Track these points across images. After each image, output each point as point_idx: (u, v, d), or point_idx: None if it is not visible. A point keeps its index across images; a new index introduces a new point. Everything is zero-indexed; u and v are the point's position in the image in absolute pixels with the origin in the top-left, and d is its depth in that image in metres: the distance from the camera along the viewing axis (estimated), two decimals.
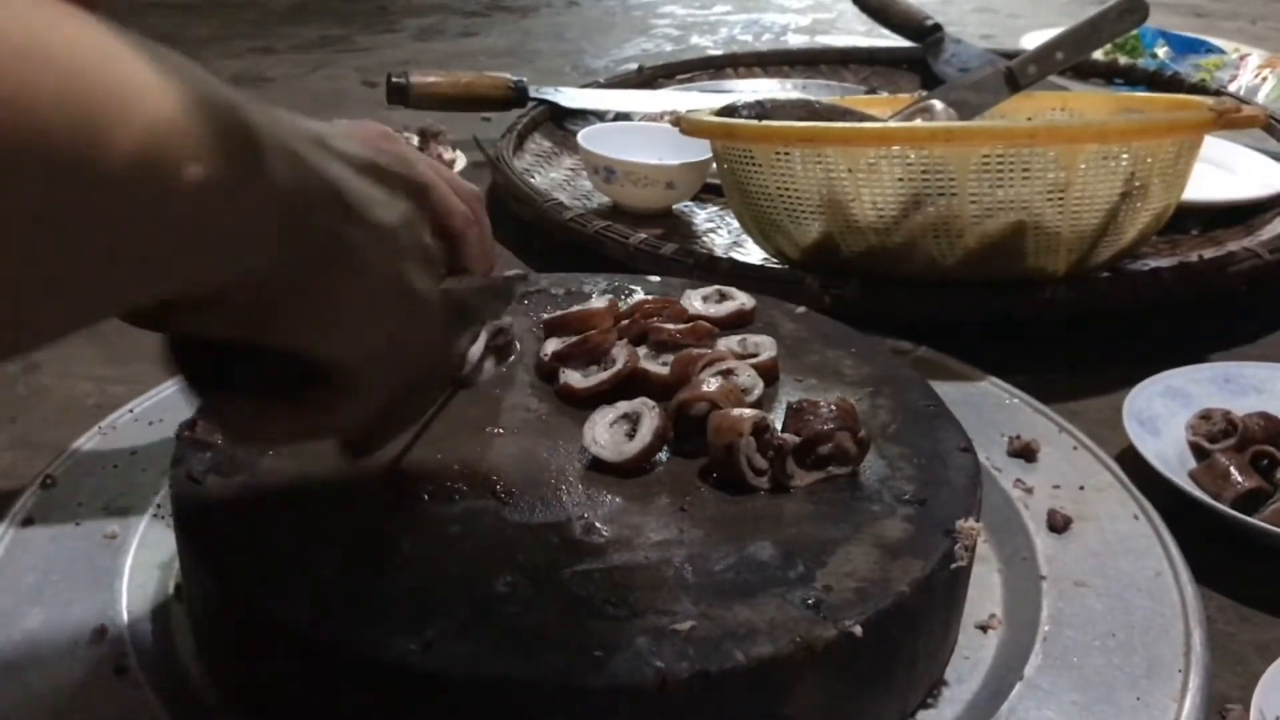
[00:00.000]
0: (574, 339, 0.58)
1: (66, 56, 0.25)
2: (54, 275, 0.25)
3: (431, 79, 1.25)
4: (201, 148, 0.27)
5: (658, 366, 0.57)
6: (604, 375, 0.56)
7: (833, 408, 0.51)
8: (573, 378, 0.56)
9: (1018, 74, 1.02)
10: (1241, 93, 1.40)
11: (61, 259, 0.25)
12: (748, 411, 0.50)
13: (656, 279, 0.71)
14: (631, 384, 0.56)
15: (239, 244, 0.30)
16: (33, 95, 0.23)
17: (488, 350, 0.56)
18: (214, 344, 0.36)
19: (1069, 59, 1.04)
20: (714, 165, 0.91)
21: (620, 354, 0.57)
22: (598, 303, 0.64)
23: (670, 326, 0.59)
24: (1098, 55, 1.39)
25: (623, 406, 0.52)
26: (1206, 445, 0.67)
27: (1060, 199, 0.74)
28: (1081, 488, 0.60)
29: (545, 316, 0.62)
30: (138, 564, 0.54)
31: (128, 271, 0.27)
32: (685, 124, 0.87)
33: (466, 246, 0.47)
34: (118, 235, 0.26)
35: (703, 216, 1.07)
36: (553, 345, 0.59)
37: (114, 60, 0.26)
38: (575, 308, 0.62)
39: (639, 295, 0.68)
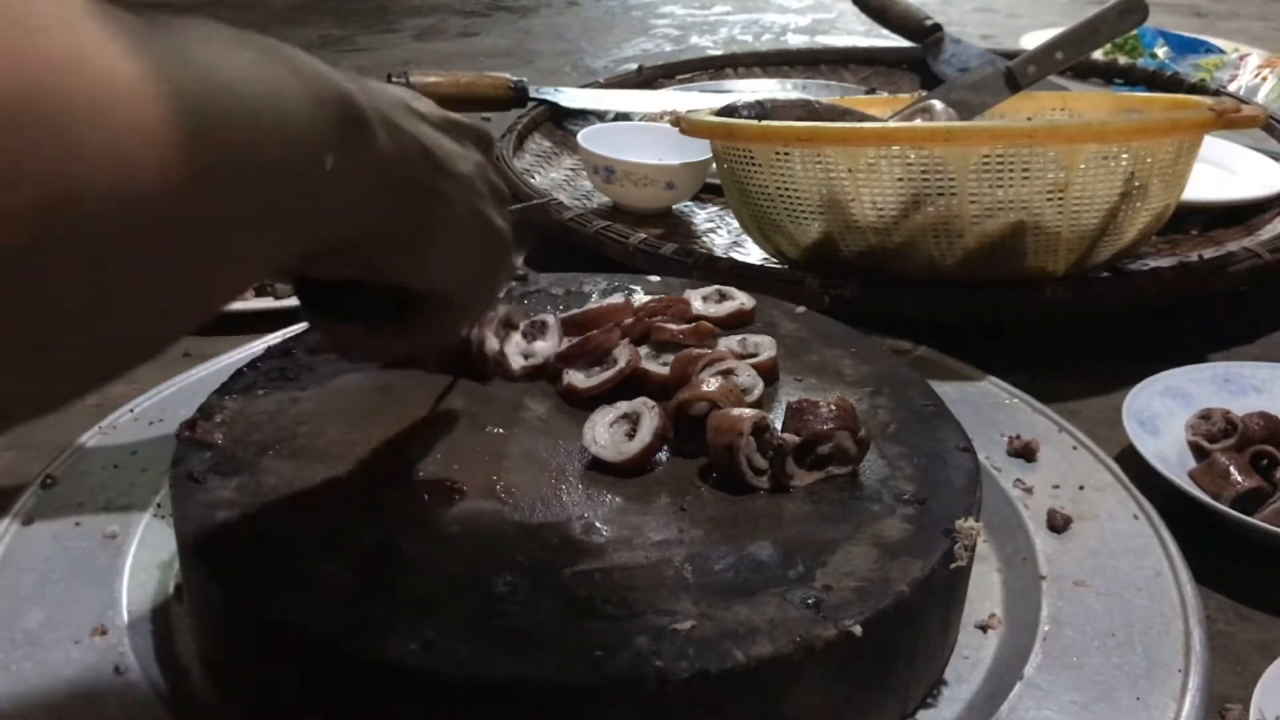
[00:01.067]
0: (576, 340, 0.58)
1: (226, 65, 0.28)
2: (235, 250, 0.29)
3: (431, 79, 1.25)
4: (331, 140, 0.32)
5: (658, 366, 0.57)
6: (606, 375, 0.56)
7: (832, 407, 0.51)
8: (576, 378, 0.56)
9: (1017, 74, 1.02)
10: (1241, 93, 1.40)
11: (240, 237, 0.29)
12: (748, 411, 0.50)
13: (656, 279, 0.71)
14: (632, 383, 0.56)
15: (360, 206, 0.35)
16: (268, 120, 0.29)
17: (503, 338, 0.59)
18: (328, 282, 0.42)
19: (1069, 59, 1.04)
20: (714, 165, 0.91)
21: (622, 354, 0.57)
22: (615, 298, 0.63)
23: (672, 326, 0.59)
24: (1097, 55, 1.39)
25: (623, 406, 0.52)
26: (1206, 445, 0.67)
27: (1060, 199, 0.74)
28: (1081, 487, 0.60)
29: (562, 315, 0.62)
30: (138, 564, 0.54)
31: (281, 239, 0.32)
32: (685, 124, 0.87)
33: None
34: (278, 215, 0.31)
35: (703, 216, 1.07)
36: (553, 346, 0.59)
37: (272, 80, 0.30)
38: (592, 305, 0.62)
39: (640, 295, 0.68)
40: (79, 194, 0.22)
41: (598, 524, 0.46)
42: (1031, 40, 1.49)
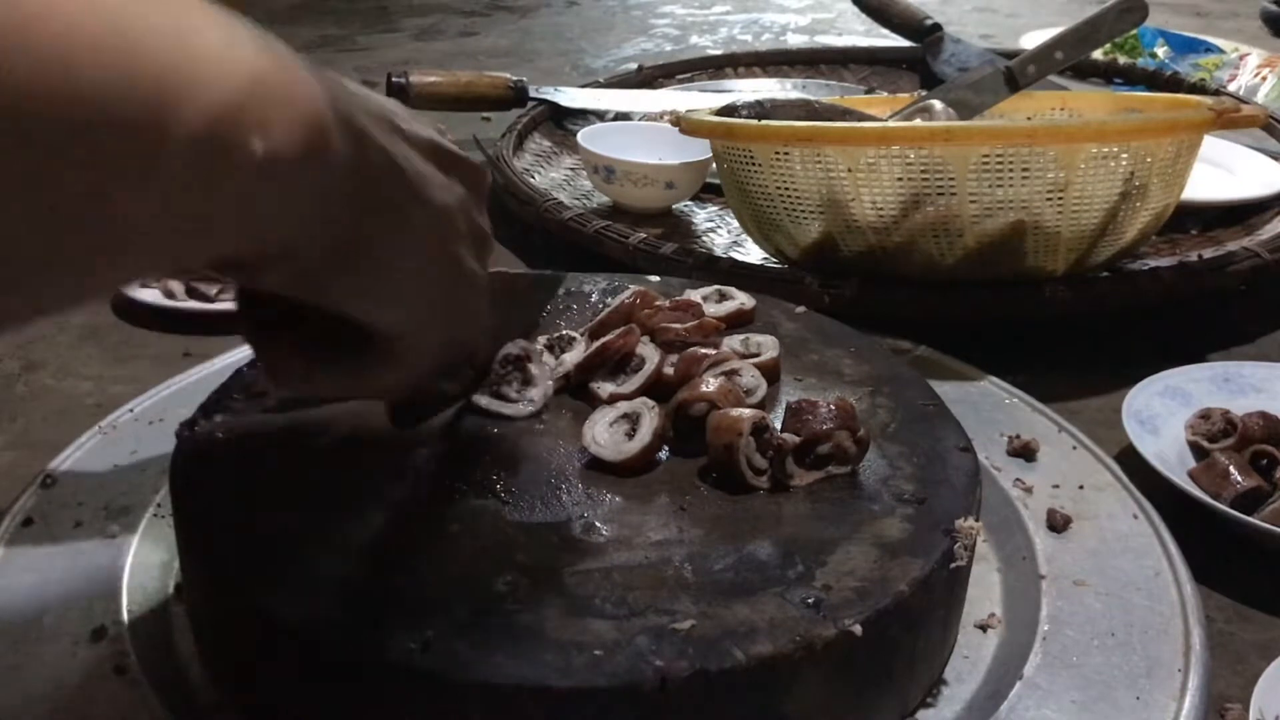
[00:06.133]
0: (593, 348, 0.57)
1: (143, 29, 0.26)
2: (115, 233, 0.27)
3: (431, 79, 1.25)
4: (268, 122, 0.28)
5: (664, 366, 0.57)
6: (641, 379, 0.55)
7: (832, 407, 0.51)
8: (607, 388, 0.55)
9: (1017, 74, 1.02)
10: (1241, 92, 1.40)
11: (126, 219, 0.26)
12: (747, 411, 0.50)
13: (656, 279, 0.71)
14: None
15: (299, 212, 0.32)
16: (104, 63, 0.25)
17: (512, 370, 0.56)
18: (276, 298, 0.37)
19: (1068, 59, 1.04)
20: (714, 165, 0.91)
21: (649, 353, 0.56)
22: (626, 296, 0.62)
23: (676, 326, 0.59)
24: (1097, 55, 1.39)
25: (623, 406, 0.52)
26: (1206, 444, 0.67)
27: (1060, 199, 0.74)
28: (1081, 487, 0.60)
29: (588, 326, 0.61)
30: (138, 564, 0.54)
31: (187, 233, 0.29)
32: (685, 124, 0.87)
33: None
34: (181, 201, 0.27)
35: (703, 216, 1.07)
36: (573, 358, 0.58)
37: (190, 33, 0.27)
38: (609, 307, 0.62)
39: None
40: None
41: (598, 524, 0.46)
42: (1031, 40, 1.49)
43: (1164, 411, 0.69)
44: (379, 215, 0.35)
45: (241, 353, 0.70)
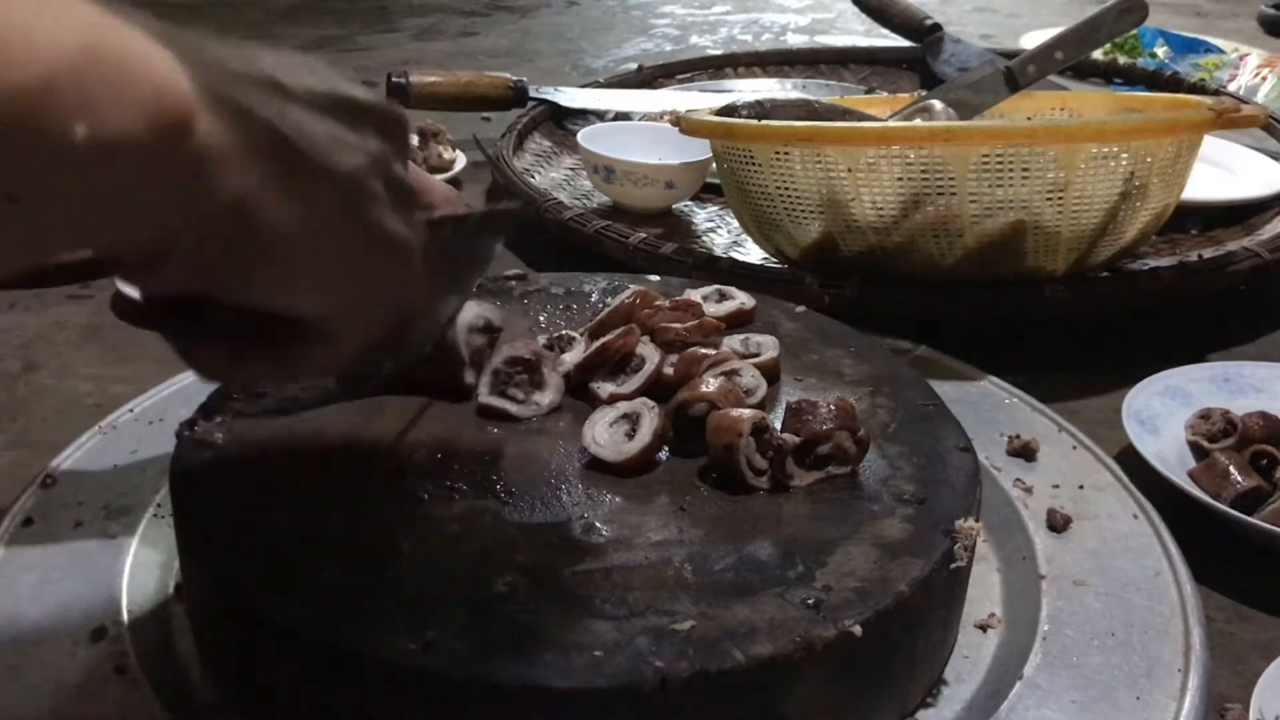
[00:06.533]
0: (593, 348, 0.57)
1: None
2: None
3: (431, 79, 1.25)
4: (93, 104, 0.25)
5: (665, 366, 0.57)
6: (641, 379, 0.55)
7: (832, 407, 0.51)
8: (607, 389, 0.55)
9: (1017, 74, 1.02)
10: (1241, 92, 1.40)
11: None
12: (747, 411, 0.50)
13: (656, 279, 0.71)
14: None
15: (158, 203, 0.29)
16: None
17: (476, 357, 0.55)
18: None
19: (1068, 59, 1.04)
20: (714, 165, 0.91)
21: (650, 353, 0.56)
22: (626, 296, 0.62)
23: (676, 325, 0.59)
24: (1097, 55, 1.39)
25: (623, 406, 0.52)
26: (1206, 444, 0.67)
27: (1060, 199, 0.74)
28: (1081, 487, 0.60)
29: (588, 326, 0.61)
30: (138, 564, 0.54)
31: (29, 226, 0.26)
32: (685, 124, 0.87)
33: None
34: (17, 183, 0.25)
35: (703, 216, 1.07)
36: (573, 358, 0.57)
37: (8, 4, 0.25)
38: (609, 307, 0.62)
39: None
40: None
41: (598, 524, 0.46)
42: (1031, 40, 1.49)
43: (1164, 411, 0.69)
44: (273, 196, 0.31)
45: None
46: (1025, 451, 0.63)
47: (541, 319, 0.65)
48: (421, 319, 0.44)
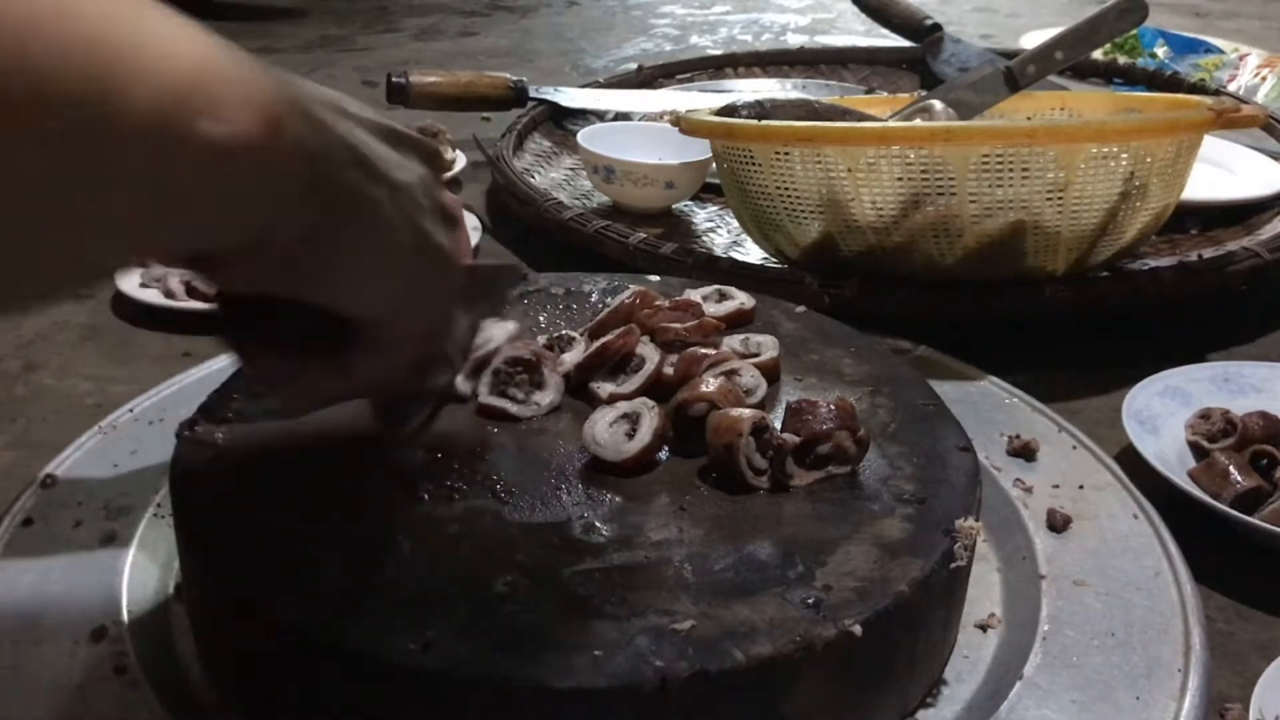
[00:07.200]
0: (593, 348, 0.57)
1: (91, 13, 0.27)
2: (73, 222, 0.27)
3: (431, 79, 1.25)
4: (217, 106, 0.29)
5: (665, 366, 0.57)
6: (641, 379, 0.55)
7: (832, 407, 0.51)
8: (607, 388, 0.55)
9: (1017, 74, 1.02)
10: (1241, 92, 1.40)
11: (80, 207, 0.27)
12: (747, 411, 0.50)
13: (656, 279, 0.71)
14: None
15: (261, 200, 0.32)
16: (59, 49, 0.25)
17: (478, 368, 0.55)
18: (256, 298, 0.38)
19: (1068, 59, 1.04)
20: (714, 165, 0.91)
21: (649, 353, 0.56)
22: (626, 296, 0.62)
23: (676, 325, 0.59)
24: (1097, 55, 1.39)
25: (623, 406, 0.52)
26: (1206, 444, 0.67)
27: (1059, 199, 0.74)
28: (1081, 487, 0.60)
29: (588, 326, 0.61)
30: (138, 564, 0.54)
31: (145, 221, 0.29)
32: (685, 124, 0.87)
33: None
34: (136, 187, 0.28)
35: (702, 216, 1.07)
36: (572, 358, 0.57)
37: (135, 19, 0.28)
38: (608, 307, 0.62)
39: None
40: None
41: (598, 524, 0.46)
42: (1031, 40, 1.49)
43: (1164, 411, 0.69)
44: (347, 198, 0.35)
45: None
46: (1025, 451, 0.63)
47: (541, 319, 0.65)
48: (451, 344, 0.47)
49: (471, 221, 1.01)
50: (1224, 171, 1.09)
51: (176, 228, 0.31)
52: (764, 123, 0.81)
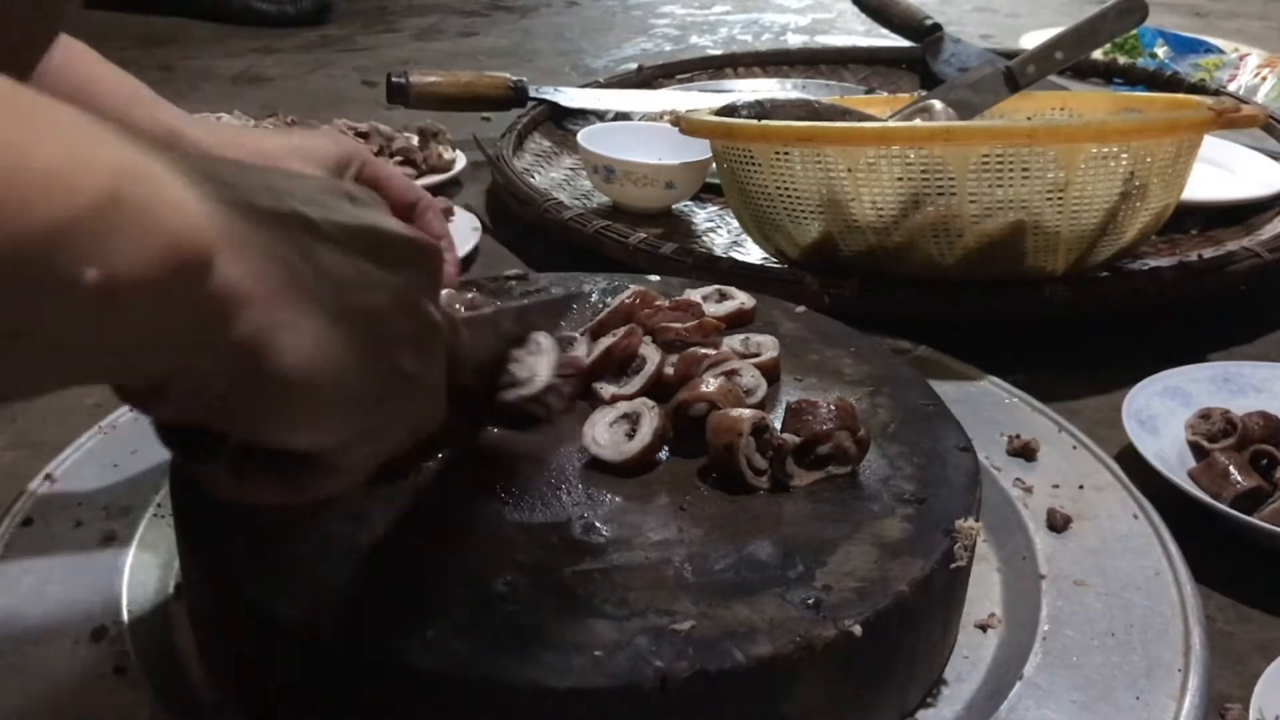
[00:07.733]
0: (599, 352, 0.57)
1: None
2: None
3: (431, 79, 1.25)
4: (108, 248, 0.25)
5: (665, 366, 0.57)
6: (642, 380, 0.55)
7: (832, 407, 0.51)
8: (608, 389, 0.55)
9: (1017, 74, 1.02)
10: (1241, 92, 1.40)
11: None
12: (747, 411, 0.50)
13: (656, 279, 0.71)
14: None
15: (176, 340, 0.28)
16: None
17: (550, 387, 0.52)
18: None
19: (1068, 59, 1.04)
20: (714, 165, 0.91)
21: (650, 353, 0.56)
22: (626, 296, 0.62)
23: (676, 325, 0.59)
24: (1097, 55, 1.39)
25: (623, 406, 0.52)
26: (1206, 444, 0.67)
27: (1059, 199, 0.74)
28: (1081, 487, 0.60)
29: (588, 326, 0.61)
30: (138, 564, 0.54)
31: (34, 361, 0.26)
32: (685, 124, 0.87)
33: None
34: (19, 323, 0.25)
35: (702, 216, 1.07)
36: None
37: (29, 148, 0.24)
38: (609, 307, 0.62)
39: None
40: None
41: (598, 524, 0.46)
42: (1031, 40, 1.49)
43: (1164, 411, 0.69)
44: (290, 338, 0.30)
45: None
46: (1025, 451, 0.63)
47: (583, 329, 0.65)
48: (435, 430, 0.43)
49: (472, 222, 1.01)
50: (1224, 171, 1.09)
51: (71, 366, 0.27)
52: (764, 123, 0.81)
